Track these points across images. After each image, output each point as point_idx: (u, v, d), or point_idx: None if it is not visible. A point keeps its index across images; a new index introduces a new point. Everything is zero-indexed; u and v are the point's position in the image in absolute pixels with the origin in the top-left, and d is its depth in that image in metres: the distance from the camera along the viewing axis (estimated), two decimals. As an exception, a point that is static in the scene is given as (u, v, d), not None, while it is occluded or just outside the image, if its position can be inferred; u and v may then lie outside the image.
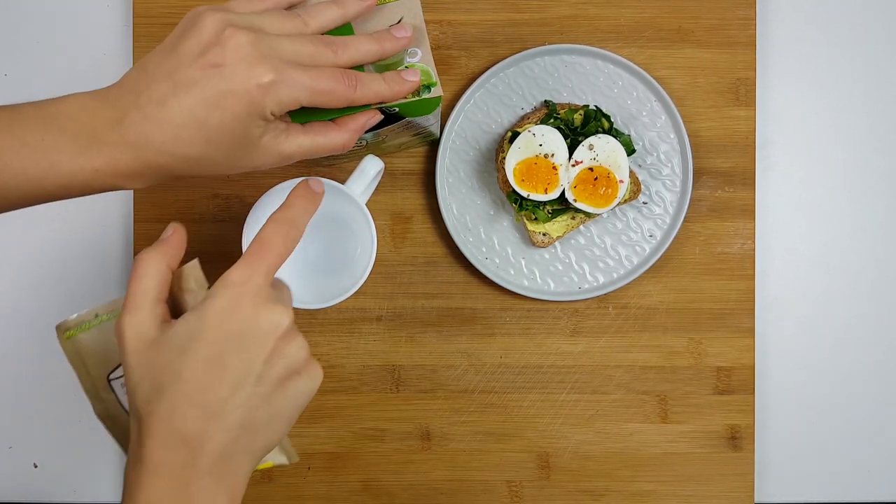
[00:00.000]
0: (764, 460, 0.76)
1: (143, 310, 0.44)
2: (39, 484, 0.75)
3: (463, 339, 0.74)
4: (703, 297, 0.74)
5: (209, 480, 0.42)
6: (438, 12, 0.73)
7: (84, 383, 0.51)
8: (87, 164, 0.45)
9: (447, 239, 0.73)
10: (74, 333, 0.50)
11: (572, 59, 0.72)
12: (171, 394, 0.42)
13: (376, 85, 0.51)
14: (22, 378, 0.75)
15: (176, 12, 0.73)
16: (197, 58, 0.45)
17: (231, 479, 0.43)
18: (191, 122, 0.45)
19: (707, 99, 0.74)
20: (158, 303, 0.45)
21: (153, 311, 0.44)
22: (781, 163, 0.76)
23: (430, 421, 0.74)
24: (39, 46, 0.75)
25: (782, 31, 0.76)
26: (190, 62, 0.45)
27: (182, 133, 0.45)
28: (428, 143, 0.73)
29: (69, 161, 0.45)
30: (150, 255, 0.45)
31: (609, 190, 0.67)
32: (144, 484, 0.41)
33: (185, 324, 0.43)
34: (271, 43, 0.46)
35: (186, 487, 0.42)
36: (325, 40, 0.49)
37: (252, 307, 0.43)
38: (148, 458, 0.42)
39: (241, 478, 0.44)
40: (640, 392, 0.74)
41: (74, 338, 0.49)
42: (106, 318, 0.49)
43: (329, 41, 0.50)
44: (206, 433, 0.42)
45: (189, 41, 0.46)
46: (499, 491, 0.74)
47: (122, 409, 0.51)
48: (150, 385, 0.42)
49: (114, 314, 0.49)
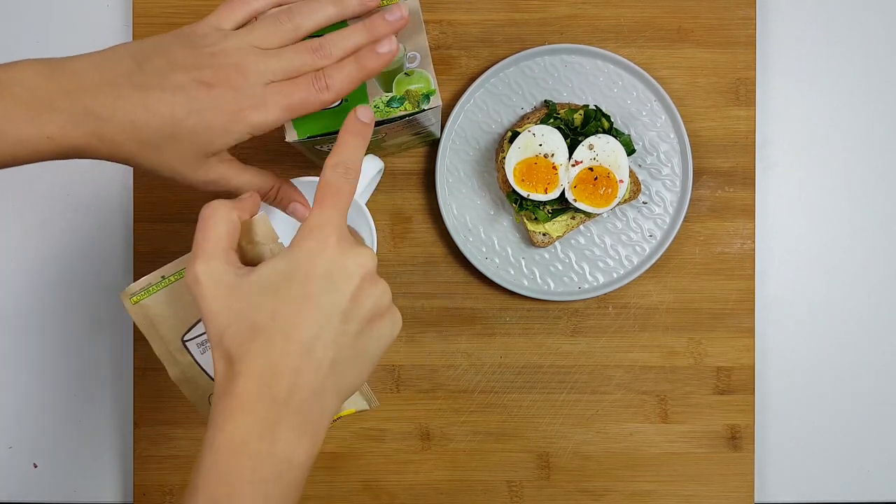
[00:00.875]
0: (764, 460, 0.76)
1: (217, 257, 0.44)
2: (39, 484, 0.75)
3: (463, 339, 0.74)
4: (703, 297, 0.74)
5: (296, 420, 0.43)
6: (438, 12, 0.73)
7: (157, 348, 0.50)
8: (38, 132, 0.46)
9: (447, 239, 0.73)
10: (141, 298, 0.49)
11: (572, 58, 0.72)
12: (268, 332, 0.42)
13: (347, 72, 0.51)
14: (22, 378, 0.75)
15: (176, 12, 0.73)
16: (190, 69, 0.48)
17: (317, 419, 0.44)
18: (167, 114, 0.47)
19: (707, 99, 0.74)
20: (230, 250, 0.45)
21: (227, 257, 0.45)
22: (781, 163, 0.76)
23: (430, 421, 0.74)
24: (39, 46, 0.75)
25: (782, 31, 0.76)
26: (183, 71, 0.48)
27: (153, 120, 0.47)
28: (428, 143, 0.73)
29: (19, 129, 0.46)
30: (219, 203, 0.46)
31: (609, 190, 0.67)
32: (235, 419, 0.42)
33: (273, 266, 0.43)
34: (259, 67, 0.49)
35: (274, 426, 0.42)
36: (312, 47, 0.51)
37: (338, 248, 0.44)
38: (241, 394, 0.42)
39: (326, 419, 0.44)
40: (640, 392, 0.74)
41: (141, 302, 0.49)
42: (174, 279, 0.49)
43: (316, 47, 0.51)
44: (301, 369, 0.42)
45: (185, 50, 0.48)
46: (499, 491, 0.74)
47: (200, 370, 0.51)
48: (242, 326, 0.43)
49: (180, 274, 0.49)
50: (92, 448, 0.75)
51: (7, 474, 0.75)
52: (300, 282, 0.43)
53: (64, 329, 0.75)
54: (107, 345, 0.75)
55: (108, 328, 0.75)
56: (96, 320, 0.75)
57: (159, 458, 0.73)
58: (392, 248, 0.74)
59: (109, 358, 0.75)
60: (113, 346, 0.75)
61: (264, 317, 0.43)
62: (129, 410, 0.75)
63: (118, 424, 0.75)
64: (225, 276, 0.44)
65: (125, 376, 0.75)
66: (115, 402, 0.75)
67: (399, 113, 0.55)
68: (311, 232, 0.44)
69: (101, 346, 0.75)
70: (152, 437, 0.73)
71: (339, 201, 0.45)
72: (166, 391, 0.73)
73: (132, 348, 0.74)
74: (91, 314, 0.75)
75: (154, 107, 0.47)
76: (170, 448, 0.73)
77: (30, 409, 0.75)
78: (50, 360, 0.75)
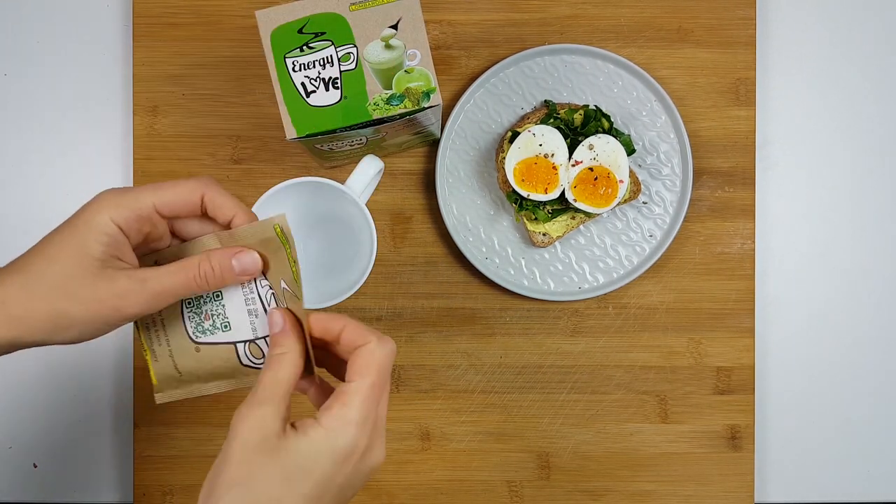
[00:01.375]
0: (764, 460, 0.76)
1: (271, 404, 0.45)
2: (39, 484, 0.75)
3: (463, 339, 0.74)
4: (703, 297, 0.74)
5: None
6: (438, 12, 0.73)
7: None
8: None
9: (447, 239, 0.73)
10: None
11: (572, 58, 0.72)
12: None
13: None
14: (22, 378, 0.75)
15: (176, 12, 0.73)
16: None
17: None
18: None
19: (707, 99, 0.74)
20: (286, 399, 0.45)
21: (280, 407, 0.45)
22: (781, 163, 0.76)
23: (430, 421, 0.74)
24: (39, 46, 0.75)
25: (782, 31, 0.76)
26: None
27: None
28: (428, 142, 0.73)
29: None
30: (292, 344, 0.47)
31: (609, 190, 0.67)
32: None
33: (307, 446, 0.44)
34: None
35: None
36: None
37: (362, 461, 0.45)
38: None
39: None
40: (640, 392, 0.74)
41: None
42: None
43: None
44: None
45: None
46: (499, 491, 0.74)
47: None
48: (240, 493, 0.44)
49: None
50: (92, 448, 0.75)
51: (7, 474, 0.75)
52: (315, 485, 0.44)
53: (64, 329, 0.75)
54: (107, 345, 0.75)
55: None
56: (96, 320, 0.75)
57: (159, 458, 0.73)
58: (392, 248, 0.74)
59: (109, 358, 0.75)
60: (113, 346, 0.75)
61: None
62: (129, 410, 0.75)
63: (118, 424, 0.75)
64: (272, 428, 0.44)
65: (125, 376, 0.75)
66: (115, 402, 0.75)
67: (399, 111, 0.55)
68: (358, 427, 0.44)
69: (101, 346, 0.75)
70: (152, 437, 0.73)
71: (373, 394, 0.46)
72: (166, 391, 0.73)
73: (132, 348, 0.74)
74: (91, 314, 0.75)
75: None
76: (170, 448, 0.73)
77: (30, 409, 0.75)
78: (50, 360, 0.75)
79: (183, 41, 0.73)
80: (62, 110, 0.75)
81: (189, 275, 0.47)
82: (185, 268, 0.47)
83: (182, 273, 0.47)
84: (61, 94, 0.75)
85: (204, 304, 0.50)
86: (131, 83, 0.74)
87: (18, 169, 0.74)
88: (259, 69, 0.73)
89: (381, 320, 0.73)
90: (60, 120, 0.74)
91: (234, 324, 0.50)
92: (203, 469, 0.74)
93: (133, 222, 0.46)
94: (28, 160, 0.74)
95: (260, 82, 0.73)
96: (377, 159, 0.66)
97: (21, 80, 0.75)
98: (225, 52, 0.73)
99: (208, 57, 0.73)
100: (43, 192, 0.75)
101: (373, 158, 0.65)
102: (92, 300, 0.45)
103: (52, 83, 0.74)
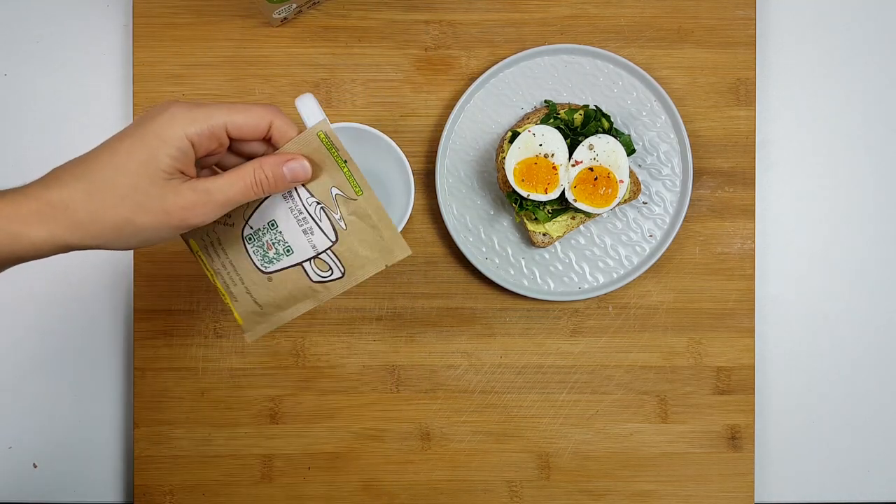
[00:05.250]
0: (764, 460, 0.76)
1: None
2: (39, 484, 0.75)
3: (463, 339, 0.74)
4: (703, 297, 0.74)
5: None
6: (438, 12, 0.73)
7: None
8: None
9: (447, 239, 0.73)
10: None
11: (572, 59, 0.72)
12: None
13: None
14: (22, 378, 0.75)
15: (176, 12, 0.73)
16: None
17: None
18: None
19: (707, 99, 0.74)
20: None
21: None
22: (781, 163, 0.76)
23: (430, 421, 0.74)
24: (39, 46, 0.75)
25: (782, 31, 0.76)
26: None
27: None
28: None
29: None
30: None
31: (609, 190, 0.67)
32: None
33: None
34: None
35: None
36: None
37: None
38: None
39: None
40: (640, 392, 0.74)
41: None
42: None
43: None
44: None
45: None
46: (499, 491, 0.74)
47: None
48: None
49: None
50: (92, 448, 0.75)
51: (7, 474, 0.75)
52: None
53: (64, 329, 0.75)
54: (107, 345, 0.75)
55: (108, 328, 0.75)
56: (96, 320, 0.75)
57: (159, 458, 0.73)
58: (392, 248, 0.74)
59: (109, 358, 0.75)
60: (113, 346, 0.75)
61: None
62: (129, 410, 0.75)
63: (118, 424, 0.75)
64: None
65: (125, 376, 0.75)
66: (115, 402, 0.75)
67: None
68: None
69: (101, 346, 0.75)
70: (152, 437, 0.73)
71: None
72: (166, 391, 0.73)
73: (132, 348, 0.74)
74: (91, 314, 0.75)
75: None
76: (170, 448, 0.73)
77: (30, 409, 0.75)
78: (50, 360, 0.75)
79: (183, 41, 0.73)
80: (62, 110, 0.75)
81: (246, 182, 0.49)
82: (242, 177, 0.49)
83: (240, 182, 0.49)
84: (61, 94, 0.75)
85: (263, 235, 0.53)
86: (131, 83, 0.74)
87: (18, 169, 0.74)
88: (259, 69, 0.73)
89: (381, 320, 0.73)
90: (60, 120, 0.74)
91: (295, 246, 0.53)
92: (203, 469, 0.74)
93: (205, 139, 0.48)
94: (28, 160, 0.74)
95: (260, 82, 0.73)
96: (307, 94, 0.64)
97: (21, 80, 0.75)
98: (225, 52, 0.73)
99: (208, 57, 0.73)
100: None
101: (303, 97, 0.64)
102: (160, 211, 0.47)
103: (52, 83, 0.74)
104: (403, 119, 0.73)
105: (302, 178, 0.51)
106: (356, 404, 0.74)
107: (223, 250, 0.54)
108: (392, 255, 0.52)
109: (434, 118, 0.73)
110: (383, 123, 0.73)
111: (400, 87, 0.73)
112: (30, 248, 0.46)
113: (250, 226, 0.53)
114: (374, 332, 0.73)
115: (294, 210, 0.52)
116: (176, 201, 0.47)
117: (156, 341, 0.73)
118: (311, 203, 0.52)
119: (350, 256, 0.53)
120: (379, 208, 0.51)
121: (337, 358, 0.73)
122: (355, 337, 0.73)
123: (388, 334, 0.73)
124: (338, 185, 0.51)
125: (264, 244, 0.53)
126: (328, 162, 0.51)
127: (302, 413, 0.74)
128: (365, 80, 0.73)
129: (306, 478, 0.74)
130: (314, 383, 0.74)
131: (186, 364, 0.73)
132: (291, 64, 0.73)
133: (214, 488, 0.73)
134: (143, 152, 0.47)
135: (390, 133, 0.67)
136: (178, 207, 0.47)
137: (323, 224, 0.52)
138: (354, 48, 0.73)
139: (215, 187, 0.48)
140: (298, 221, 0.52)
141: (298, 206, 0.52)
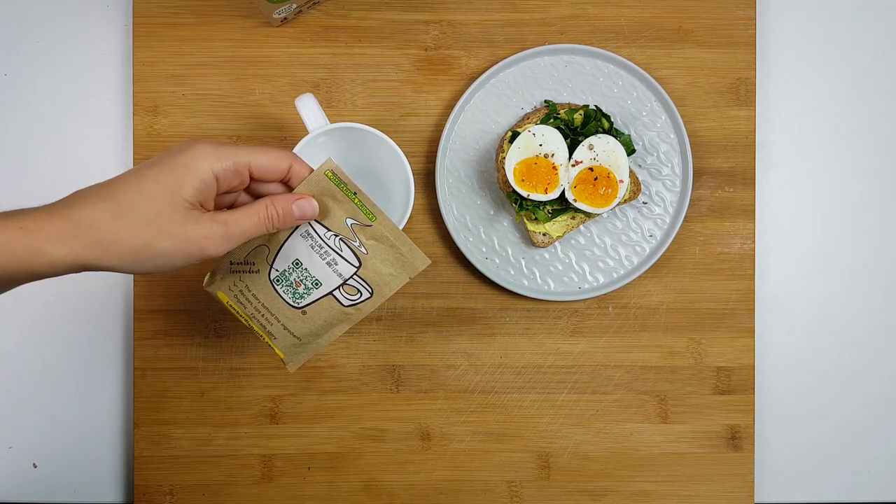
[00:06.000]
0: (764, 460, 0.76)
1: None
2: (39, 484, 0.75)
3: (463, 339, 0.74)
4: (703, 297, 0.74)
5: None
6: (438, 12, 0.73)
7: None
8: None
9: (447, 239, 0.73)
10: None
11: (572, 59, 0.72)
12: None
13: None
14: (22, 378, 0.75)
15: (176, 12, 0.73)
16: None
17: None
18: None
19: (707, 99, 0.74)
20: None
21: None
22: (781, 163, 0.76)
23: (430, 421, 0.74)
24: (39, 46, 0.75)
25: (782, 31, 0.76)
26: None
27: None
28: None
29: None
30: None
31: (609, 190, 0.67)
32: None
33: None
34: None
35: None
36: None
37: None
38: None
39: None
40: (640, 392, 0.74)
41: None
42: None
43: None
44: None
45: None
46: (499, 491, 0.74)
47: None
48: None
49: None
50: (92, 448, 0.75)
51: (7, 474, 0.75)
52: None
53: (64, 329, 0.75)
54: (107, 345, 0.75)
55: (108, 328, 0.75)
56: (96, 320, 0.75)
57: (159, 458, 0.73)
58: (392, 248, 0.74)
59: (109, 358, 0.75)
60: (113, 346, 0.75)
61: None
62: (129, 410, 0.75)
63: (118, 424, 0.75)
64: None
65: (125, 376, 0.75)
66: (115, 402, 0.75)
67: None
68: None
69: (101, 346, 0.75)
70: (152, 437, 0.73)
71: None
72: (166, 391, 0.73)
73: (132, 348, 0.74)
74: (91, 315, 0.75)
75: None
76: (170, 448, 0.73)
77: (30, 409, 0.75)
78: (50, 360, 0.75)
79: (183, 41, 0.73)
80: (62, 110, 0.75)
81: (260, 216, 0.52)
82: (256, 211, 0.52)
83: (255, 216, 0.52)
84: (61, 94, 0.75)
85: (290, 275, 0.57)
86: (131, 83, 0.74)
87: (18, 169, 0.74)
88: (259, 69, 0.73)
89: (381, 320, 0.73)
90: (60, 120, 0.74)
91: (322, 279, 0.57)
92: (203, 469, 0.74)
93: (229, 174, 0.51)
94: (28, 160, 0.74)
95: (260, 82, 0.73)
96: (307, 95, 0.66)
97: (21, 80, 0.75)
98: (225, 52, 0.73)
99: (208, 57, 0.73)
100: (43, 191, 0.75)
101: (303, 97, 0.65)
102: (180, 237, 0.49)
103: (52, 83, 0.74)
104: (403, 119, 0.73)
105: (310, 215, 0.54)
106: (356, 404, 0.74)
107: (254, 296, 0.57)
108: (413, 267, 0.57)
109: (434, 118, 0.73)
110: (383, 123, 0.73)
111: (400, 87, 0.73)
112: (48, 265, 0.48)
113: (275, 269, 0.57)
114: (374, 331, 0.73)
115: (315, 246, 0.56)
116: (197, 230, 0.50)
117: (156, 341, 0.73)
118: (330, 237, 0.56)
119: (375, 277, 0.57)
120: (393, 229, 0.56)
121: (337, 358, 0.73)
122: (355, 337, 0.73)
123: (388, 334, 0.74)
124: (351, 215, 0.55)
125: (293, 283, 0.57)
126: (339, 196, 0.55)
127: (302, 413, 0.74)
128: (365, 80, 0.73)
129: (306, 478, 0.74)
130: (314, 383, 0.74)
131: (186, 364, 0.73)
132: (291, 64, 0.73)
133: (214, 488, 0.73)
134: (169, 181, 0.49)
135: (390, 133, 0.67)
136: (198, 236, 0.50)
137: (345, 253, 0.56)
138: (354, 48, 0.73)
139: (232, 219, 0.51)
140: (321, 256, 0.56)
141: (318, 242, 0.56)
